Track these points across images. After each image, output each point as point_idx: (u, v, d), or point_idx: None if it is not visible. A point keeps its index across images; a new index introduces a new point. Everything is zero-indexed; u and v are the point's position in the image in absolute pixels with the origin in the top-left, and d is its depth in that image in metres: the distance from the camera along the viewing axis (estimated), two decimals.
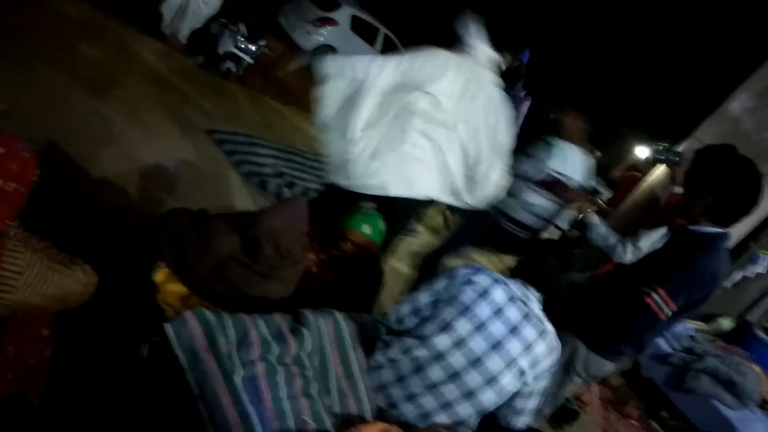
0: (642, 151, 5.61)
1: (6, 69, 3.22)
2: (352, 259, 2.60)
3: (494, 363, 1.81)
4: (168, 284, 1.94)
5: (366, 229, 2.69)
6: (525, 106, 5.14)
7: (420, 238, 5.42)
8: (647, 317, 2.20)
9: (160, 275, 1.95)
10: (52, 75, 3.61)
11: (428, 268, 3.55)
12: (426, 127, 2.65)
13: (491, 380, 1.80)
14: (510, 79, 5.03)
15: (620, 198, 5.13)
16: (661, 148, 4.52)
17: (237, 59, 5.86)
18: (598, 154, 6.31)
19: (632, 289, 2.24)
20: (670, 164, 4.00)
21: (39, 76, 3.49)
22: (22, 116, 2.96)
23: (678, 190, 3.84)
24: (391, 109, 2.62)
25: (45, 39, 3.96)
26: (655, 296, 2.15)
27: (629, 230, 3.42)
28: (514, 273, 2.09)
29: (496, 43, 2.88)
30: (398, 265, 4.38)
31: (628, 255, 3.02)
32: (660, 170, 4.41)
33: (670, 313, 2.17)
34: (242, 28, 5.81)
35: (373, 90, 2.59)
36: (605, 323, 2.38)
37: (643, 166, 5.32)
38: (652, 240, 3.09)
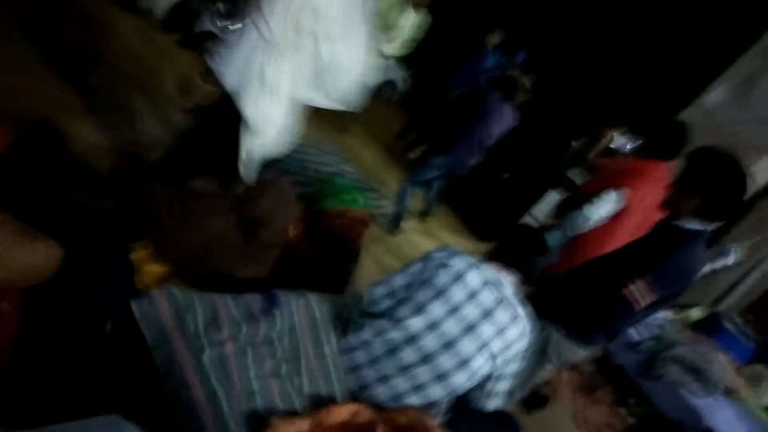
0: (616, 138, 5.74)
1: None
2: (348, 234, 2.59)
3: (466, 346, 1.81)
4: (147, 264, 1.91)
5: (361, 201, 2.70)
6: (509, 117, 5.15)
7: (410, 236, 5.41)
8: (624, 307, 2.23)
9: (139, 254, 1.91)
10: (25, 50, 3.50)
11: None
12: (315, 40, 2.66)
13: (463, 363, 1.81)
14: (507, 91, 5.08)
15: (597, 184, 5.19)
16: (614, 136, 4.67)
17: (215, 38, 5.74)
18: None
19: (611, 279, 2.27)
20: (617, 152, 4.15)
21: (11, 52, 3.38)
22: None
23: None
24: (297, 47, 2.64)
25: (16, 13, 3.83)
26: (634, 287, 2.19)
27: None
28: (488, 256, 2.09)
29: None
30: (373, 248, 4.37)
31: (591, 218, 3.11)
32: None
33: (645, 304, 2.21)
34: (220, 6, 5.68)
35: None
36: (582, 311, 2.41)
37: (619, 154, 5.43)
38: (605, 202, 3.14)
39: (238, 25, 5.71)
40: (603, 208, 3.13)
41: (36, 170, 2.49)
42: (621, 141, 5.70)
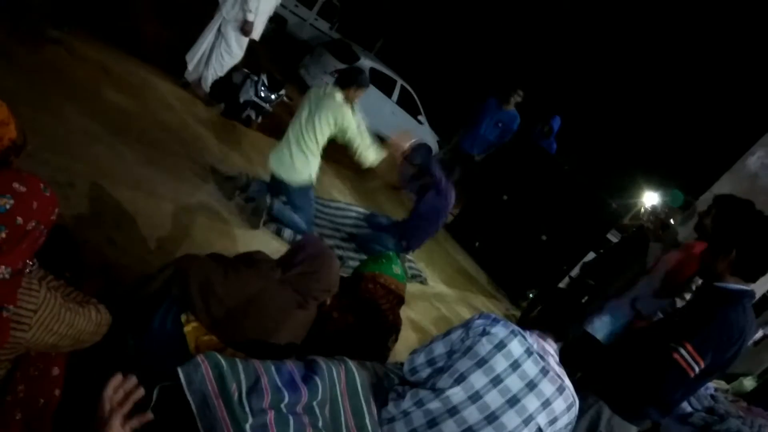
0: (650, 198, 5.65)
1: (32, 112, 3.31)
2: (379, 301, 2.58)
3: (510, 419, 1.75)
4: (200, 335, 1.93)
5: (396, 270, 2.70)
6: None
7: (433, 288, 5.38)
8: (676, 374, 2.17)
9: (191, 326, 1.94)
10: (78, 118, 3.71)
11: None
12: None
13: None
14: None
15: None
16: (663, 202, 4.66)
17: (257, 107, 5.99)
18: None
19: (659, 346, 2.22)
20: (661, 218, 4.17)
21: (64, 120, 3.59)
22: (47, 157, 3.03)
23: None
24: None
25: (70, 84, 4.09)
26: (683, 351, 2.13)
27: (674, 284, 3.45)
28: (528, 323, 2.05)
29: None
30: (409, 312, 4.33)
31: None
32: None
33: (698, 369, 2.13)
34: (263, 77, 5.95)
35: None
36: (632, 383, 2.33)
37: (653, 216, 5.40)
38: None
39: (277, 96, 5.99)
40: None
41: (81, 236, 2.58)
42: (653, 200, 5.67)
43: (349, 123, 4.06)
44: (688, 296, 3.22)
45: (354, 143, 4.16)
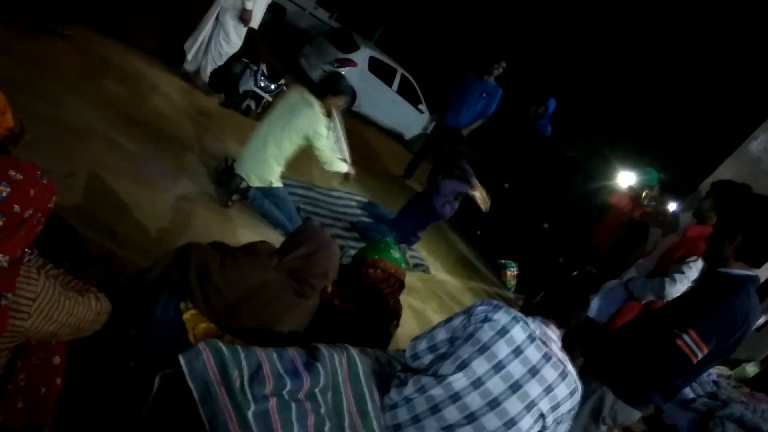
0: (626, 178, 5.63)
1: (32, 102, 3.30)
2: (380, 286, 2.58)
3: (512, 405, 1.75)
4: (200, 323, 1.93)
5: (395, 255, 2.70)
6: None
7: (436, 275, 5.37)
8: (679, 360, 2.16)
9: (190, 314, 1.94)
10: (77, 109, 3.70)
11: None
12: None
13: (509, 423, 1.74)
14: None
15: (612, 223, 5.49)
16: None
17: (257, 97, 5.96)
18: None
19: (663, 332, 2.21)
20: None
21: (63, 111, 3.57)
22: (46, 147, 3.02)
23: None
24: None
25: (69, 75, 4.07)
26: (686, 338, 2.12)
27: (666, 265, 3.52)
28: (531, 310, 2.04)
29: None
30: (411, 300, 4.33)
31: (678, 285, 3.20)
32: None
33: (701, 355, 2.13)
34: (263, 67, 5.92)
35: None
36: (635, 369, 2.33)
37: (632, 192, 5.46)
38: (695, 269, 3.17)
39: (276, 86, 5.96)
40: (693, 276, 3.13)
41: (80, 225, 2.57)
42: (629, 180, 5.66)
43: (320, 137, 3.90)
44: (676, 275, 3.29)
45: (320, 155, 4.03)
